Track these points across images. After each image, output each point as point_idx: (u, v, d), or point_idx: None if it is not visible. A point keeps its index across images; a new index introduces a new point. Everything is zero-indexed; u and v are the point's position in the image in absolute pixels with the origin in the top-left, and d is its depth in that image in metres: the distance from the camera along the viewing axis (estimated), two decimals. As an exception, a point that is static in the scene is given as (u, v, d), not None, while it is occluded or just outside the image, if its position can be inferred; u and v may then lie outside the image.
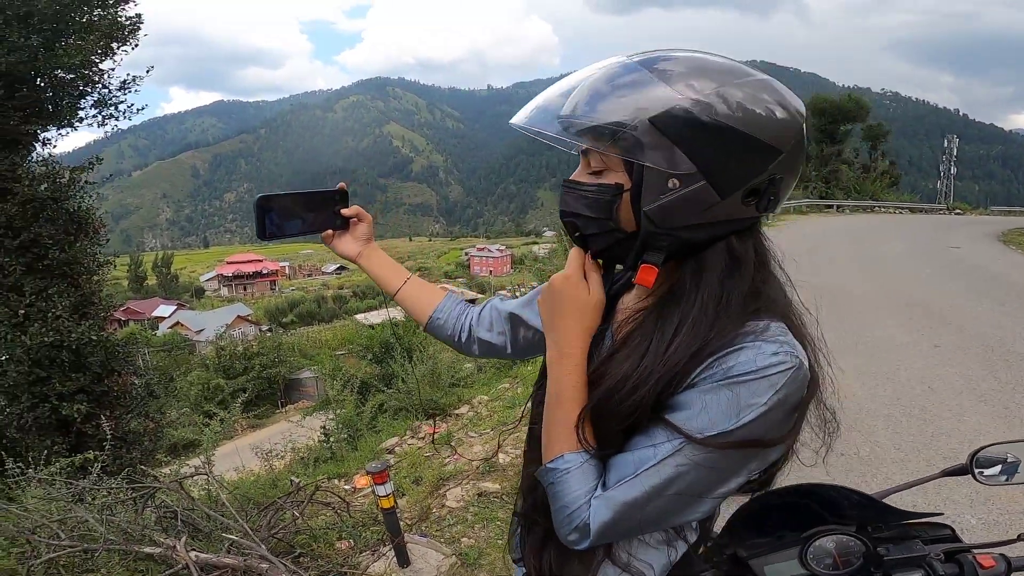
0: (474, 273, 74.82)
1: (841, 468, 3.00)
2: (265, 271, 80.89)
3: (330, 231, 1.02)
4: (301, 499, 2.41)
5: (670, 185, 0.63)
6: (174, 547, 2.08)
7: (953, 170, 33.42)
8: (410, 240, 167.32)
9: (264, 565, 2.00)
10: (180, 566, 2.03)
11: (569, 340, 0.72)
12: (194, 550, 2.09)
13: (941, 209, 30.60)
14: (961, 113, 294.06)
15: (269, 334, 30.90)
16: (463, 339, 1.04)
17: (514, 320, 1.02)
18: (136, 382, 7.01)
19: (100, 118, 7.15)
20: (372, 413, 5.33)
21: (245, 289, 76.90)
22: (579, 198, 0.70)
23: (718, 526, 0.97)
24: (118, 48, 6.87)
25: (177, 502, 2.40)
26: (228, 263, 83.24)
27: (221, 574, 2.10)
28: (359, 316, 42.94)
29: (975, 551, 0.91)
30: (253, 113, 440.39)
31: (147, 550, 2.10)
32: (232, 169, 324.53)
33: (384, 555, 2.35)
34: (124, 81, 7.15)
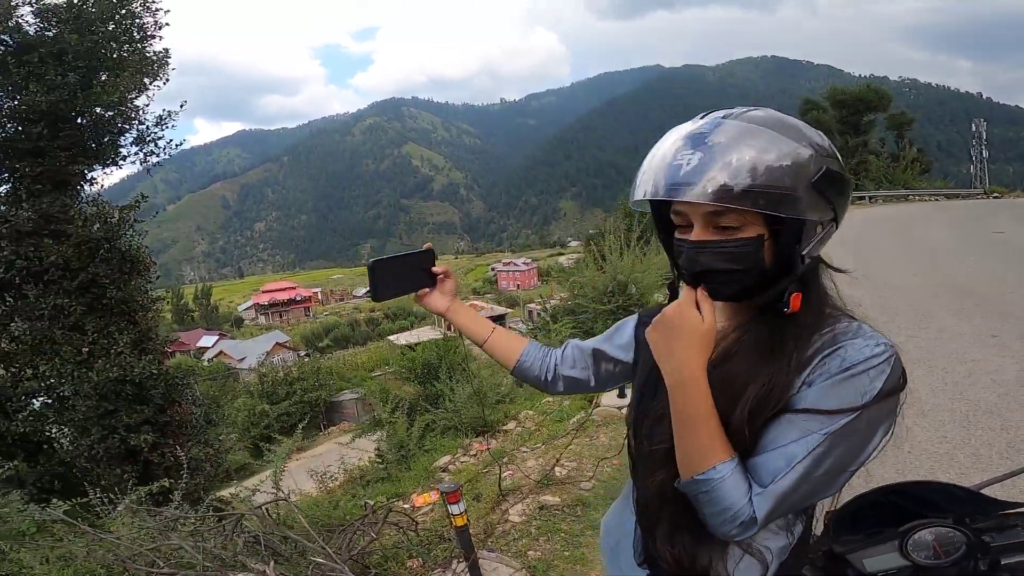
0: (502, 288, 75.01)
1: (913, 464, 2.94)
2: (299, 298, 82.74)
3: (426, 289, 1.12)
4: (374, 520, 2.48)
5: (817, 230, 0.77)
6: (263, 571, 2.17)
7: (985, 153, 32.32)
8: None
9: (349, 585, 2.07)
10: None
11: (691, 366, 0.78)
12: (281, 573, 2.18)
13: (978, 193, 29.54)
14: (984, 97, 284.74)
15: (307, 359, 31.58)
16: (548, 378, 1.14)
17: (596, 355, 1.12)
18: (195, 411, 7.27)
19: (142, 155, 7.47)
20: (420, 433, 5.42)
21: (281, 316, 78.72)
22: (719, 255, 0.77)
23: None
24: (150, 83, 7.18)
25: (258, 527, 2.50)
26: (264, 292, 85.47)
27: None
28: (392, 337, 43.61)
29: None
30: (275, 141, 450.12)
31: (240, 575, 2.19)
32: (260, 199, 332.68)
33: (456, 572, 2.40)
34: (160, 116, 7.46)
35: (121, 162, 7.34)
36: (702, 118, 0.80)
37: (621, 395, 4.61)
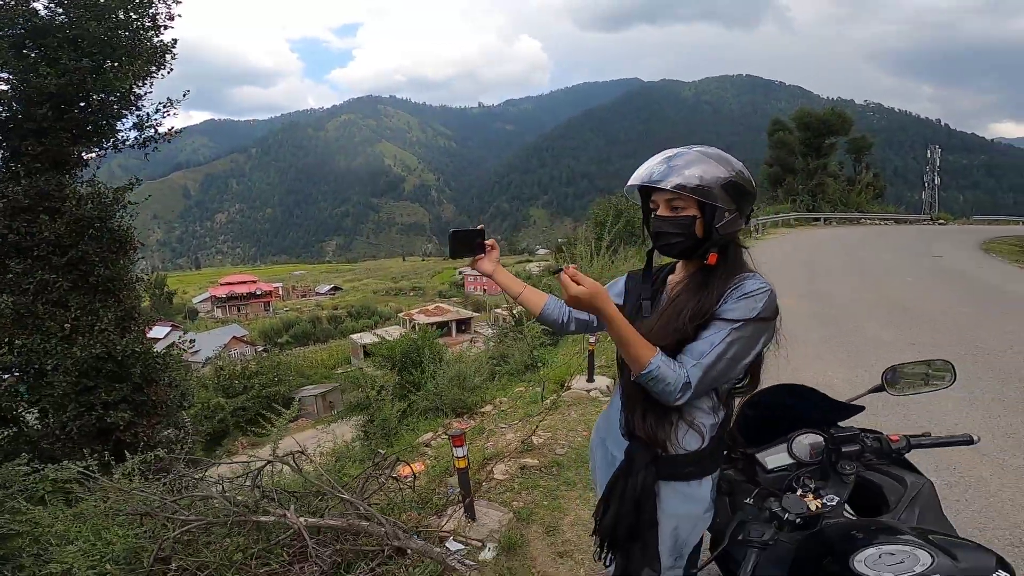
0: (468, 292, 75.17)
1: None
2: (259, 292, 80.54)
3: (481, 255, 1.59)
4: (382, 471, 2.82)
5: (726, 215, 1.27)
6: (284, 514, 2.47)
7: (937, 180, 34.19)
8: (403, 260, 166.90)
9: (364, 523, 2.41)
10: (291, 531, 2.42)
11: (605, 305, 1.24)
12: (301, 516, 2.49)
13: (925, 219, 31.47)
14: (943, 123, 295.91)
15: (266, 354, 31.15)
16: (564, 321, 1.60)
17: None
18: (172, 392, 7.37)
19: (141, 139, 7.54)
20: (401, 413, 5.74)
21: (239, 310, 76.50)
22: (671, 223, 1.30)
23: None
24: (156, 71, 7.31)
25: (273, 482, 2.80)
26: (222, 284, 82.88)
27: (322, 539, 2.47)
28: (354, 336, 43.29)
29: (887, 434, 1.45)
30: (244, 132, 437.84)
31: (263, 519, 2.47)
32: (224, 189, 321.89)
33: (451, 516, 2.77)
34: (162, 103, 7.56)
35: (120, 146, 7.43)
36: (677, 149, 1.32)
37: (590, 379, 5.07)
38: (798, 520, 1.23)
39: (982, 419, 3.95)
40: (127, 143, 7.45)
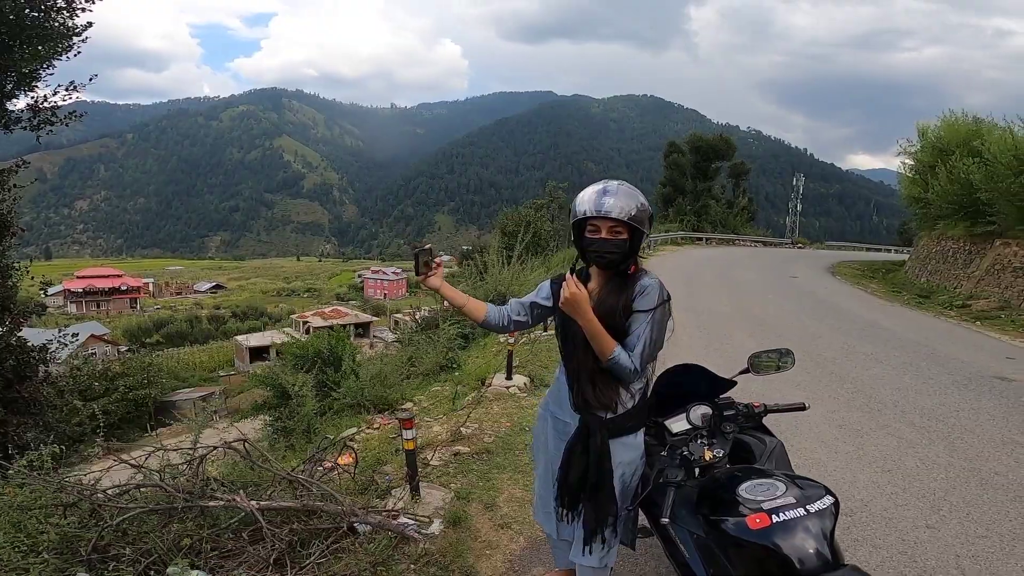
0: (368, 296, 73.25)
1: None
2: (124, 287, 72.50)
3: (432, 272, 1.83)
4: (329, 455, 2.95)
5: (646, 236, 1.75)
6: (234, 499, 2.53)
7: (799, 207, 38.87)
8: (298, 260, 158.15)
9: (320, 503, 2.55)
10: (241, 515, 2.48)
11: (586, 311, 1.70)
12: (253, 499, 2.56)
13: (787, 243, 35.73)
14: (808, 152, 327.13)
15: (131, 355, 28.25)
16: (504, 324, 1.95)
17: (532, 305, 1.97)
18: (46, 390, 6.65)
19: (35, 122, 6.84)
20: (318, 412, 5.73)
21: (99, 307, 68.37)
22: (612, 245, 1.71)
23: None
24: (63, 55, 6.68)
25: (217, 470, 2.81)
26: (79, 277, 73.58)
27: (273, 522, 2.54)
28: (239, 337, 40.47)
29: (751, 402, 1.97)
30: (121, 116, 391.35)
31: (211, 504, 2.50)
32: (88, 175, 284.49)
33: (397, 497, 2.97)
34: (65, 87, 6.90)
35: (12, 126, 6.74)
36: (606, 183, 1.76)
37: (508, 377, 5.45)
38: (699, 467, 1.70)
39: (822, 414, 4.78)
40: (19, 124, 6.71)
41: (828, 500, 1.42)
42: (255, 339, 38.62)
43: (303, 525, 2.53)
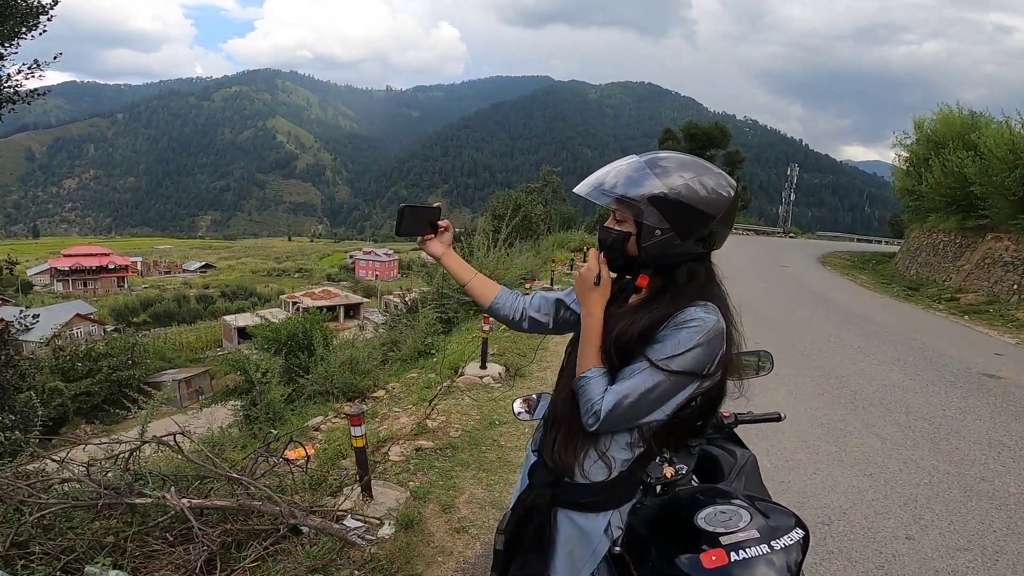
0: (359, 277, 72.73)
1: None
2: (112, 266, 71.63)
3: (430, 235, 1.44)
4: (274, 450, 2.75)
5: (656, 233, 1.16)
6: (164, 496, 2.34)
7: (792, 197, 38.78)
8: (289, 240, 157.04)
9: (256, 503, 2.35)
10: (171, 513, 2.29)
11: (593, 304, 1.24)
12: (184, 497, 2.36)
13: (779, 232, 35.65)
14: (804, 143, 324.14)
15: (117, 334, 27.77)
16: (516, 318, 1.48)
17: (559, 304, 1.48)
18: (8, 373, 6.40)
19: None
20: (286, 399, 5.52)
21: (86, 285, 67.70)
22: (610, 235, 1.23)
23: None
24: (26, 33, 6.39)
25: (141, 465, 2.60)
26: (65, 256, 72.60)
27: (207, 520, 2.35)
28: (227, 317, 40.07)
29: (720, 411, 1.73)
30: (111, 96, 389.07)
31: (138, 501, 2.30)
32: (77, 154, 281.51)
33: (348, 496, 2.78)
34: (27, 64, 6.64)
35: None
36: (649, 154, 1.25)
37: (483, 366, 5.27)
38: (659, 487, 1.48)
39: (804, 411, 4.62)
40: None
41: (797, 534, 1.23)
42: (243, 319, 38.28)
43: (241, 525, 2.34)
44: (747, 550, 1.15)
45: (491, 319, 3.78)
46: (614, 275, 1.28)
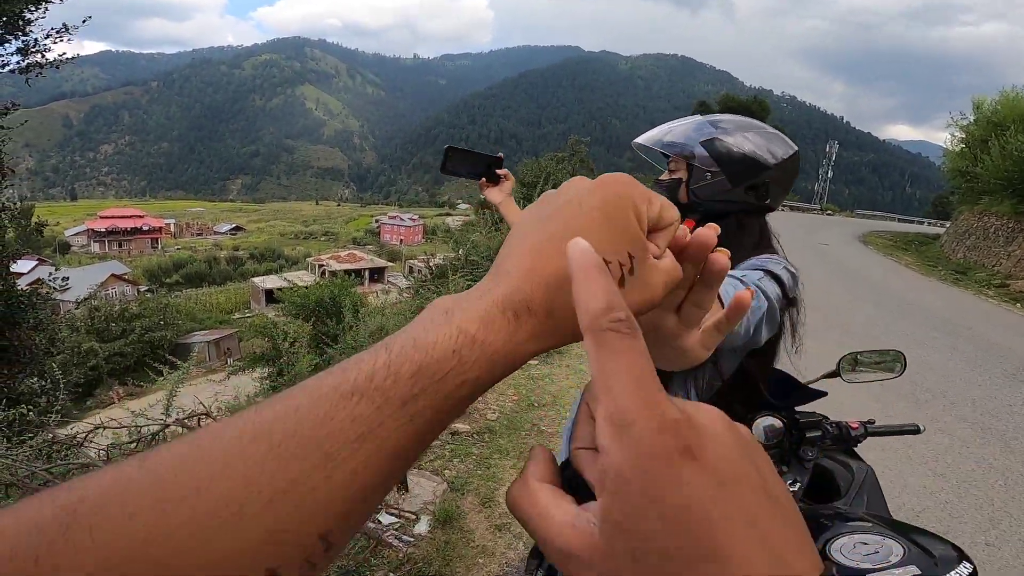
0: (384, 241, 73.28)
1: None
2: (146, 228, 73.80)
3: (486, 181, 1.40)
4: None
5: (706, 176, 1.14)
6: None
7: (830, 174, 37.49)
8: (316, 204, 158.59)
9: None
10: None
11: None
12: None
13: (815, 209, 34.48)
14: (844, 120, 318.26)
15: (150, 295, 28.39)
16: None
17: None
18: (37, 337, 6.44)
19: (23, 64, 6.67)
20: (314, 369, 5.41)
21: (121, 246, 70.02)
22: (661, 186, 1.21)
23: None
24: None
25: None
26: (101, 217, 74.84)
27: None
28: (256, 279, 40.79)
29: (847, 421, 1.51)
30: (145, 65, 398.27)
31: None
32: (113, 121, 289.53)
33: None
34: (55, 29, 6.60)
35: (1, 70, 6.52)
36: (675, 121, 1.26)
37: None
38: None
39: (863, 402, 4.23)
40: (5, 68, 6.44)
41: (965, 569, 0.97)
42: (271, 281, 38.93)
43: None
44: None
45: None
46: None
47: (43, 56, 6.83)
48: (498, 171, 1.41)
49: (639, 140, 1.23)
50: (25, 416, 3.20)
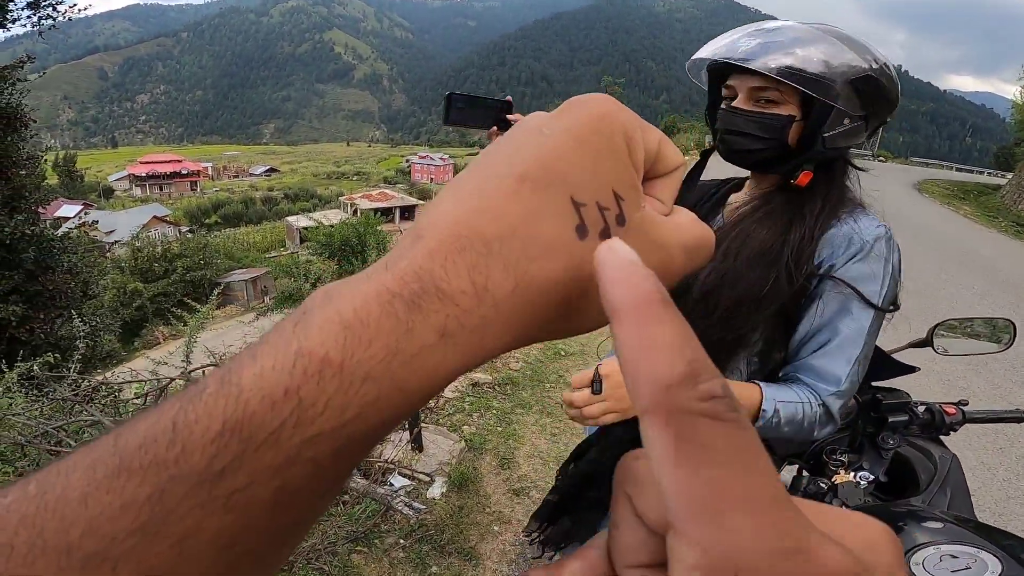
0: (415, 180, 73.71)
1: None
2: (185, 171, 75.99)
3: (495, 129, 1.21)
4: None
5: (844, 122, 0.87)
6: None
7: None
8: (348, 145, 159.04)
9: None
10: None
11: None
12: None
13: (867, 155, 32.65)
14: (904, 69, 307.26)
15: (191, 235, 29.03)
16: None
17: None
18: (71, 281, 6.55)
19: (35, 19, 6.73)
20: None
21: (161, 189, 72.62)
22: (751, 122, 0.88)
23: None
24: None
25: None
26: (142, 163, 77.42)
27: None
28: (290, 219, 41.55)
29: (941, 404, 1.26)
30: (174, 17, 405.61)
31: None
32: (147, 72, 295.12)
33: (396, 444, 2.51)
34: None
35: (10, 25, 6.57)
36: (770, 23, 0.92)
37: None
38: (824, 496, 1.04)
39: (919, 363, 3.95)
40: (16, 22, 6.44)
41: None
42: (304, 221, 39.60)
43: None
44: None
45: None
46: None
47: (54, 9, 6.78)
48: (508, 116, 1.23)
49: (706, 54, 0.90)
50: (54, 365, 3.16)
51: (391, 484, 2.19)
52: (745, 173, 1.02)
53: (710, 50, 0.90)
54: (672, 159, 0.22)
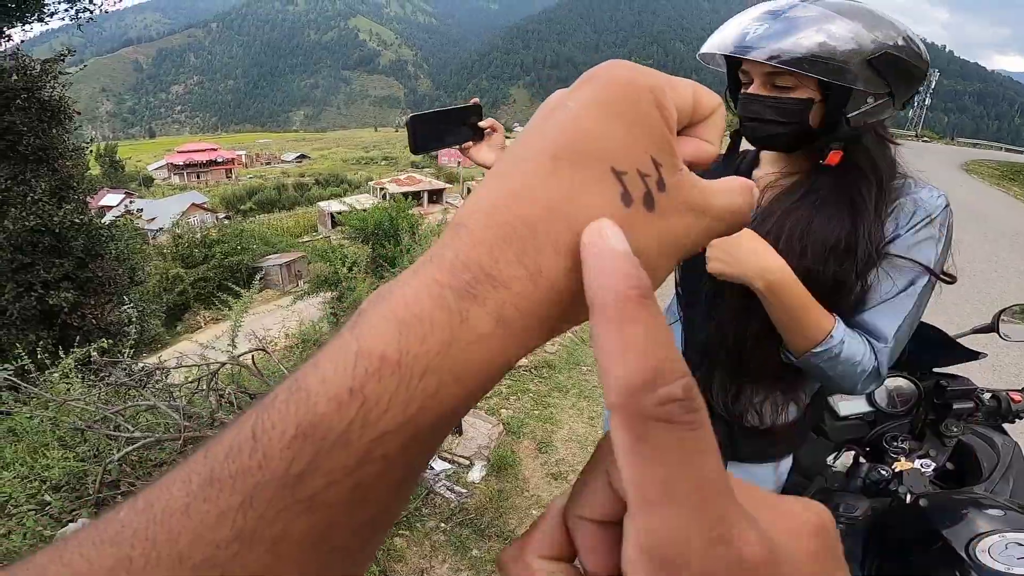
0: (442, 163, 73.73)
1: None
2: (220, 159, 77.84)
3: (470, 143, 1.06)
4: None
5: (868, 101, 0.83)
6: None
7: (928, 101, 34.04)
8: (375, 131, 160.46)
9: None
10: None
11: (773, 267, 0.83)
12: None
13: (910, 135, 31.39)
14: (948, 49, 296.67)
15: (228, 221, 29.88)
16: None
17: None
18: (119, 267, 6.83)
19: (72, 12, 6.92)
20: (371, 289, 5.40)
21: (198, 177, 74.53)
22: (770, 108, 0.86)
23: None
24: None
25: (233, 381, 2.46)
26: (179, 152, 79.50)
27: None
28: (322, 204, 42.31)
29: (1007, 391, 1.21)
30: (204, 7, 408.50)
31: (210, 435, 2.12)
32: (180, 63, 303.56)
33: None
34: None
35: (48, 19, 6.78)
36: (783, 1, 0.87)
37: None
38: (884, 485, 1.01)
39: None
40: (54, 15, 6.68)
41: None
42: (336, 205, 40.20)
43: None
44: None
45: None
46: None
47: (91, 1, 6.95)
48: (480, 124, 1.07)
49: (710, 48, 0.89)
50: (106, 351, 3.26)
51: (432, 468, 2.23)
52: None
53: (716, 42, 0.88)
54: (708, 103, 0.22)
